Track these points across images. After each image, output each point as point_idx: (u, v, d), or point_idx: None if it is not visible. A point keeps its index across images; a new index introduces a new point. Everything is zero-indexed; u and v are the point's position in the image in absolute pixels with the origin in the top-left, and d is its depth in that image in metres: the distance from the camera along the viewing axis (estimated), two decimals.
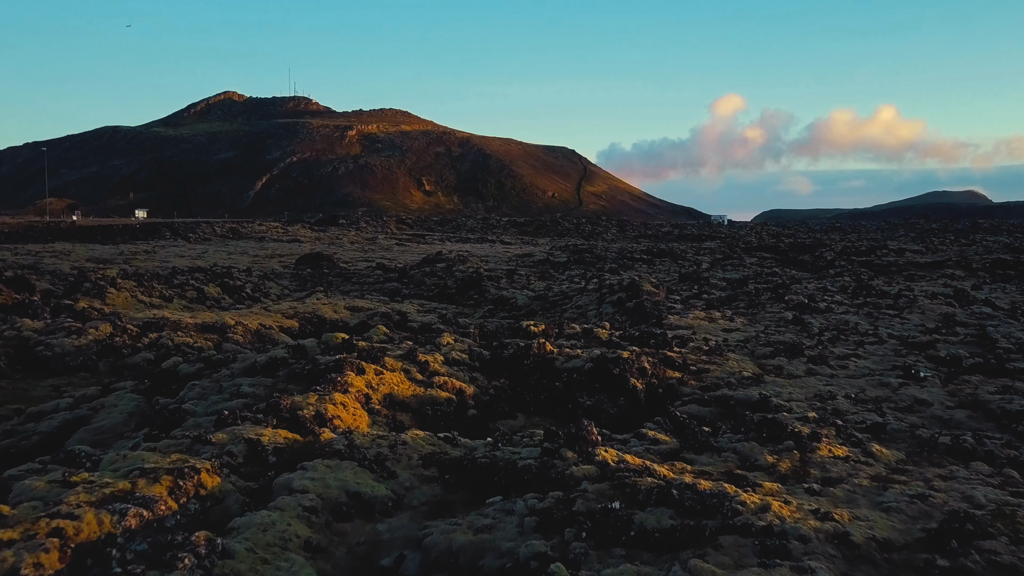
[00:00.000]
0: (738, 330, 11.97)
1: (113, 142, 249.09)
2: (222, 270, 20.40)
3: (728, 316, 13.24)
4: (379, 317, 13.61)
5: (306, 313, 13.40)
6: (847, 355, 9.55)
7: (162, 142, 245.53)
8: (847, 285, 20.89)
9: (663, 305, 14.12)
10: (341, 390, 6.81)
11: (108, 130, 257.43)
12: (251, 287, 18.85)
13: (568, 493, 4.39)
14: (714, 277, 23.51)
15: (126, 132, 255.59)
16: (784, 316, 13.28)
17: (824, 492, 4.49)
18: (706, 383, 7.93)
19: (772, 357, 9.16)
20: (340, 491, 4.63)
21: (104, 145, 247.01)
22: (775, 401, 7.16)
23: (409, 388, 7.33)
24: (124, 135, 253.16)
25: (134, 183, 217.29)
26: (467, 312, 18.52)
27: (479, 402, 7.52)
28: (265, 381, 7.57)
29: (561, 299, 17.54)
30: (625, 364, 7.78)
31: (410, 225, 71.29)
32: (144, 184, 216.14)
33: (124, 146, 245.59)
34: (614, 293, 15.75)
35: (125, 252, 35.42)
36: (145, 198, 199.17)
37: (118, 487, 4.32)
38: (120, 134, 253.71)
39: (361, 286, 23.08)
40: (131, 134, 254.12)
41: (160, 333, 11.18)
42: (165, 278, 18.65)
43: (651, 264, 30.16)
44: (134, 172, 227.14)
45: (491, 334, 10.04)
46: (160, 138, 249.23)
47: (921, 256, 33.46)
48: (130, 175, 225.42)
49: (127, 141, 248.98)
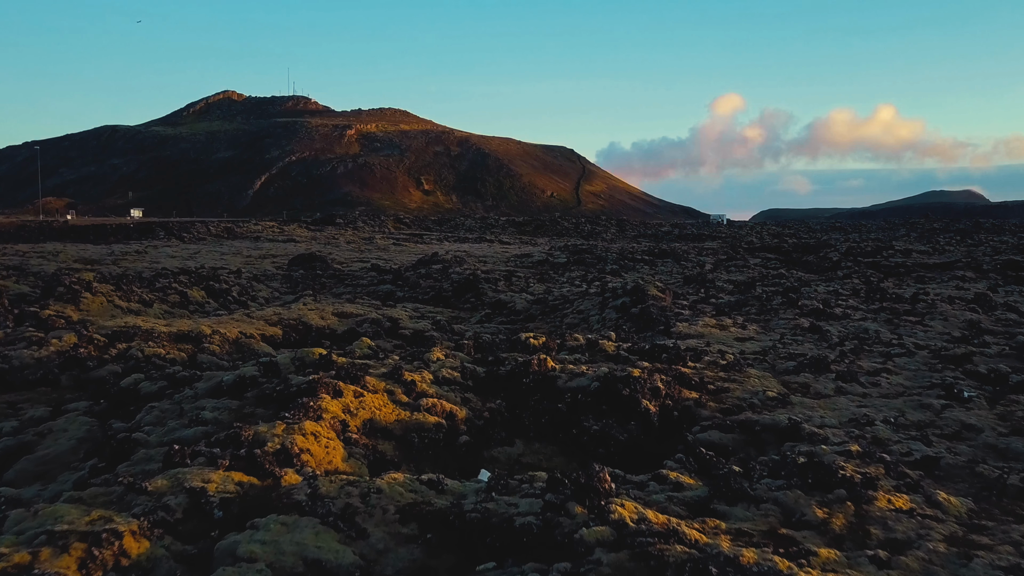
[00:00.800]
0: (752, 339, 11.09)
1: (112, 141, 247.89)
2: (209, 272, 19.51)
3: (740, 323, 12.36)
4: (369, 324, 12.72)
5: (291, 320, 12.50)
6: (877, 370, 8.66)
7: (161, 141, 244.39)
8: (858, 288, 20.02)
9: (670, 311, 13.23)
10: (313, 417, 5.92)
11: (107, 129, 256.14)
12: (238, 290, 17.95)
13: (577, 565, 3.50)
14: (720, 279, 22.63)
15: (125, 131, 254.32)
16: (799, 323, 12.39)
17: (894, 563, 3.61)
18: (727, 404, 7.05)
19: (796, 373, 8.27)
20: (296, 558, 3.74)
21: (103, 144, 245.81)
22: (807, 428, 6.28)
23: (393, 412, 6.45)
24: (123, 134, 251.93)
25: (133, 182, 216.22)
26: (463, 316, 17.64)
27: (472, 427, 6.63)
28: (231, 404, 6.68)
29: (562, 303, 16.65)
30: (636, 384, 6.89)
31: (408, 225, 70.39)
32: (143, 183, 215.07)
33: (123, 145, 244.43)
34: (617, 297, 14.86)
35: (116, 252, 34.49)
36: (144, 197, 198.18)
37: (13, 560, 3.43)
38: (119, 133, 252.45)
39: (354, 288, 22.19)
40: (130, 133, 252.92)
41: (130, 344, 10.28)
42: (148, 281, 17.74)
43: (653, 265, 29.28)
44: (133, 171, 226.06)
45: (487, 346, 9.15)
46: (159, 137, 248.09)
47: (928, 257, 32.58)
48: (129, 174, 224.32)
49: (126, 140, 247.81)
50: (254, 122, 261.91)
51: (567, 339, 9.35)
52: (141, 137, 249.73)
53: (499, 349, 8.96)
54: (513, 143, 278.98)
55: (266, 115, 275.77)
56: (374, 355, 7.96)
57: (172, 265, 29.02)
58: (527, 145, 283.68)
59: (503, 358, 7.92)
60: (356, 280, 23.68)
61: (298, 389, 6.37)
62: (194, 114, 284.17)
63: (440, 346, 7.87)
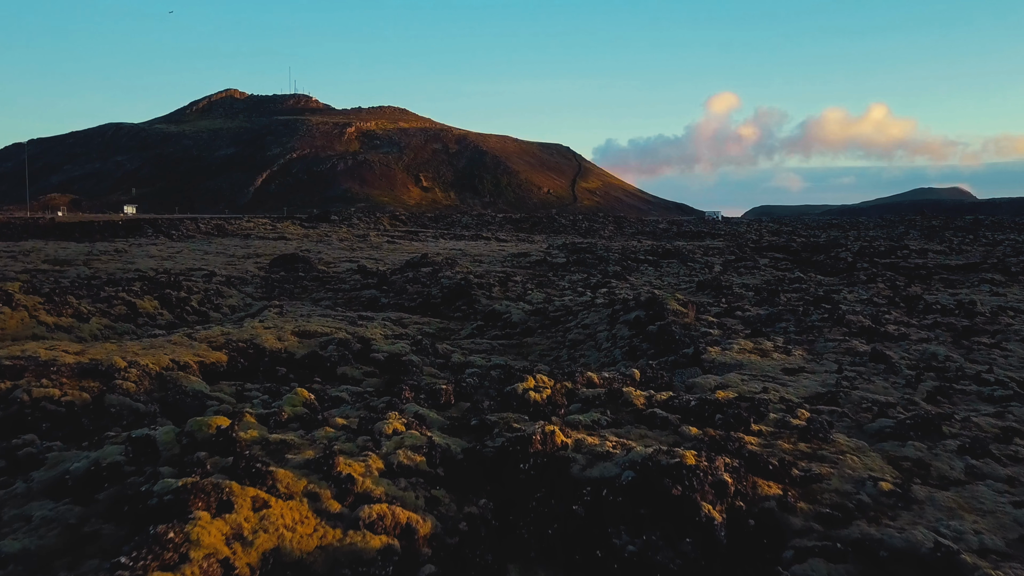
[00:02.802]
0: (805, 371, 8.63)
1: (116, 139, 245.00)
2: (169, 278, 16.95)
3: (782, 346, 9.88)
4: (335, 346, 10.24)
5: (240, 342, 10.00)
6: (1001, 430, 6.19)
7: (165, 139, 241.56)
8: (889, 296, 17.59)
9: (695, 329, 10.75)
10: (173, 560, 3.46)
11: (112, 127, 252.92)
12: (199, 299, 15.44)
13: None
14: (734, 283, 20.17)
15: (129, 129, 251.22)
16: (853, 347, 9.93)
17: None
18: (825, 506, 4.58)
19: (899, 439, 5.79)
20: None
21: (107, 142, 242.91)
22: (967, 560, 3.84)
23: (314, 534, 3.97)
24: (127, 132, 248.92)
25: (137, 179, 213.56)
26: (453, 328, 15.18)
27: (441, 549, 4.17)
28: (70, 514, 4.20)
29: (564, 315, 14.18)
30: (692, 476, 4.43)
31: (404, 222, 67.81)
32: (147, 180, 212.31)
33: (127, 142, 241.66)
34: (630, 310, 12.39)
35: (94, 251, 31.91)
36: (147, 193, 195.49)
37: None
38: (123, 131, 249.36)
39: (335, 294, 19.69)
40: (134, 131, 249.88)
41: (16, 382, 7.79)
42: (95, 288, 15.23)
43: (657, 266, 26.80)
44: (137, 168, 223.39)
45: (470, 391, 6.66)
46: (163, 135, 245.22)
47: (946, 257, 30.11)
48: (133, 171, 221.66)
49: (130, 138, 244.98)
50: (256, 120, 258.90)
51: (578, 381, 6.86)
52: (145, 134, 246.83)
53: (488, 397, 6.48)
54: (510, 141, 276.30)
55: (268, 113, 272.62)
56: (310, 418, 5.46)
57: (147, 266, 26.48)
58: (524, 143, 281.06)
59: (490, 422, 5.43)
60: (339, 284, 21.18)
61: (160, 501, 3.88)
62: (197, 112, 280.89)
63: (400, 413, 5.35)
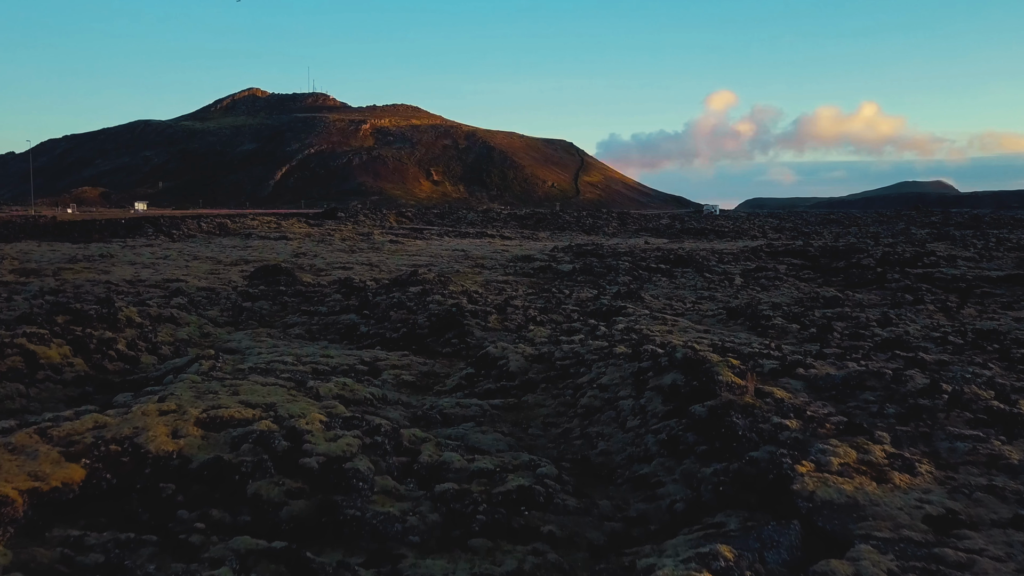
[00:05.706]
0: (961, 520, 4.99)
1: (145, 134, 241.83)
2: (109, 307, 13.25)
3: (895, 453, 6.24)
4: (250, 446, 6.61)
5: (115, 443, 6.40)
6: None
7: (190, 135, 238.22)
8: (950, 325, 13.91)
9: (762, 418, 7.07)
10: None
11: (140, 123, 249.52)
12: (133, 336, 11.84)
13: None
14: (763, 302, 16.48)
15: (157, 125, 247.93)
16: (999, 452, 6.29)
17: None
18: None
19: None
20: None
21: (136, 137, 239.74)
22: None
23: None
24: (155, 128, 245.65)
25: (163, 173, 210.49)
26: (438, 372, 11.58)
27: None
28: None
29: (574, 365, 10.52)
30: None
31: (410, 218, 64.05)
32: (172, 174, 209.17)
33: (155, 138, 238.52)
34: (661, 371, 8.73)
35: (77, 256, 28.32)
36: (173, 187, 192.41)
37: None
38: (151, 127, 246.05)
39: (311, 317, 16.10)
40: (161, 127, 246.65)
41: None
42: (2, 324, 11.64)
43: (672, 276, 23.07)
44: (164, 162, 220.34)
45: None
46: (188, 131, 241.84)
47: (978, 265, 26.25)
48: (160, 165, 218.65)
49: (157, 134, 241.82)
50: (276, 117, 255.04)
51: None
52: (171, 131, 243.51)
53: None
54: (517, 137, 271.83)
55: (287, 111, 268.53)
56: None
57: (122, 276, 22.89)
58: (529, 139, 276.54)
59: None
60: (319, 303, 17.56)
61: None
62: (221, 110, 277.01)
63: None
